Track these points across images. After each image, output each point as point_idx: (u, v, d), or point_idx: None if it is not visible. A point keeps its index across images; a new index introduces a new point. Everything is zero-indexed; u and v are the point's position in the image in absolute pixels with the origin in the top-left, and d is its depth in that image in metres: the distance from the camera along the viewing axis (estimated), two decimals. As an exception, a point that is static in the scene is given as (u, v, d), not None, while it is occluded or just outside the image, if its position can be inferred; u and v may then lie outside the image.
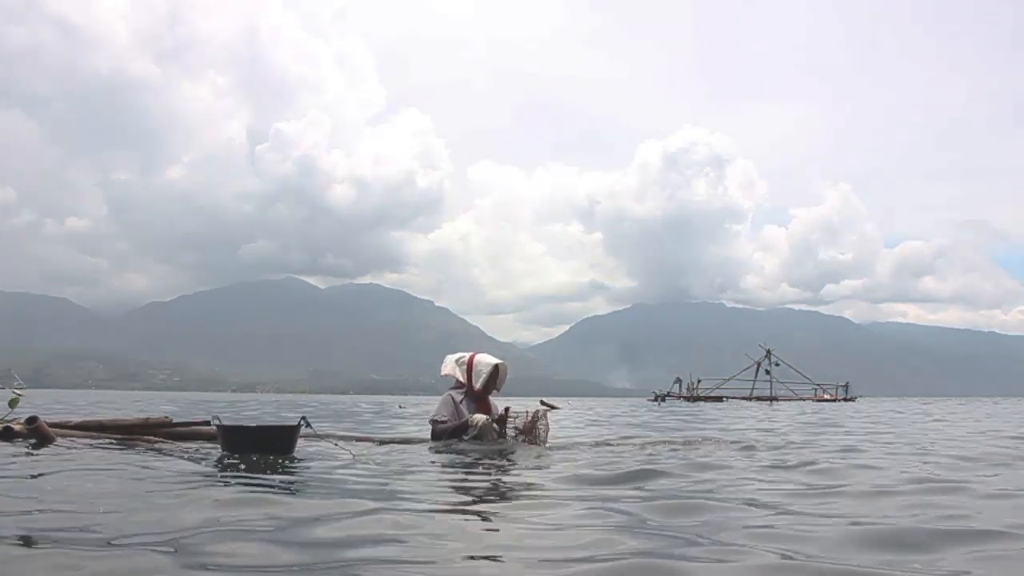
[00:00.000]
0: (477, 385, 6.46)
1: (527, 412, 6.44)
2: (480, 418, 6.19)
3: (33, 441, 6.08)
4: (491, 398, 6.72)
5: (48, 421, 6.53)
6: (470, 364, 6.55)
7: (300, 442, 6.01)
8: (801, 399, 54.60)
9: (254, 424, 6.35)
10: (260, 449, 5.53)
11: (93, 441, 6.34)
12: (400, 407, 23.29)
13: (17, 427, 6.26)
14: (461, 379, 6.53)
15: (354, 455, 5.58)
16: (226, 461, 5.14)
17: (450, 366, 6.65)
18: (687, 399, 53.68)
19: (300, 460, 5.35)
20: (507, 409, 6.42)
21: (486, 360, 6.56)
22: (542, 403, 26.82)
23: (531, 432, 6.30)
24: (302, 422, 5.89)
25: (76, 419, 7.26)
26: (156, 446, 6.21)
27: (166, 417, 7.26)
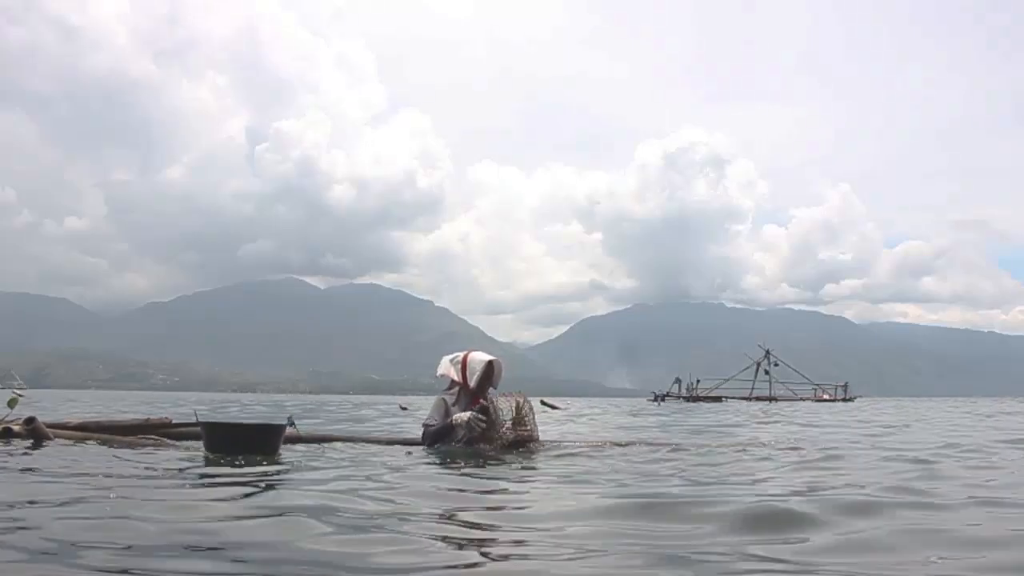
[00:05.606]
0: (471, 383, 6.41)
1: (509, 404, 6.40)
2: (463, 416, 6.15)
3: (31, 442, 6.07)
4: (489, 395, 6.67)
5: (47, 422, 6.53)
6: (464, 363, 6.51)
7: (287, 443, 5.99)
8: (801, 399, 54.63)
9: (237, 422, 6.28)
10: (244, 448, 5.49)
11: (91, 442, 6.33)
12: (402, 407, 23.25)
13: (16, 427, 6.26)
14: (456, 378, 6.49)
15: (336, 446, 5.53)
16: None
17: (445, 366, 6.61)
18: (686, 399, 53.70)
19: (284, 460, 5.33)
20: (493, 401, 6.32)
21: (479, 358, 6.52)
22: (542, 403, 26.76)
23: (519, 421, 6.26)
24: (288, 422, 5.88)
25: (75, 419, 7.26)
26: (155, 445, 6.20)
27: (166, 418, 7.27)
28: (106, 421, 7.14)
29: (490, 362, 6.48)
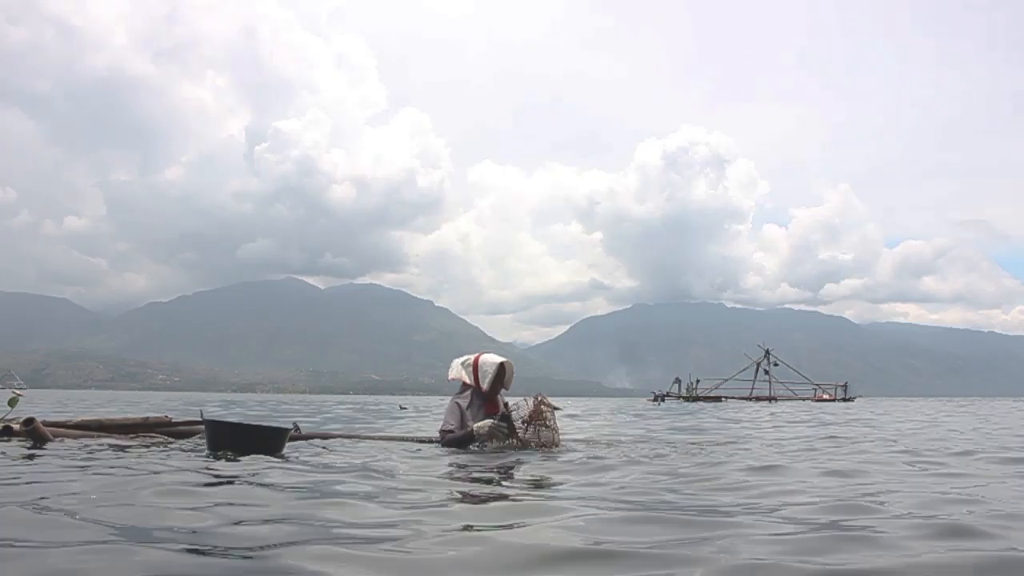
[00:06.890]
0: (484, 386, 6.42)
1: (526, 400, 6.43)
2: (484, 424, 6.16)
3: (31, 443, 6.09)
4: (499, 397, 6.66)
5: (47, 421, 6.54)
6: (476, 365, 6.52)
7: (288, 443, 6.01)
8: (800, 399, 54.67)
9: (242, 422, 6.30)
10: (247, 449, 5.51)
11: (91, 440, 6.35)
12: (401, 407, 23.29)
13: (16, 426, 6.28)
14: (468, 380, 6.50)
15: (342, 443, 5.53)
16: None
17: (456, 369, 6.63)
18: (686, 399, 53.69)
19: (286, 458, 5.35)
20: (506, 405, 6.38)
21: (491, 360, 6.53)
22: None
23: (538, 418, 6.29)
24: (294, 427, 5.88)
25: (75, 419, 7.28)
26: (155, 443, 6.22)
27: (166, 416, 7.29)
28: (106, 420, 7.15)
29: (502, 364, 6.48)
